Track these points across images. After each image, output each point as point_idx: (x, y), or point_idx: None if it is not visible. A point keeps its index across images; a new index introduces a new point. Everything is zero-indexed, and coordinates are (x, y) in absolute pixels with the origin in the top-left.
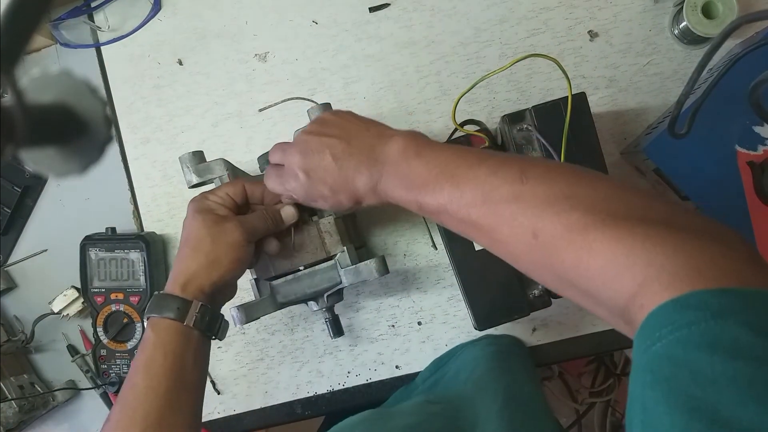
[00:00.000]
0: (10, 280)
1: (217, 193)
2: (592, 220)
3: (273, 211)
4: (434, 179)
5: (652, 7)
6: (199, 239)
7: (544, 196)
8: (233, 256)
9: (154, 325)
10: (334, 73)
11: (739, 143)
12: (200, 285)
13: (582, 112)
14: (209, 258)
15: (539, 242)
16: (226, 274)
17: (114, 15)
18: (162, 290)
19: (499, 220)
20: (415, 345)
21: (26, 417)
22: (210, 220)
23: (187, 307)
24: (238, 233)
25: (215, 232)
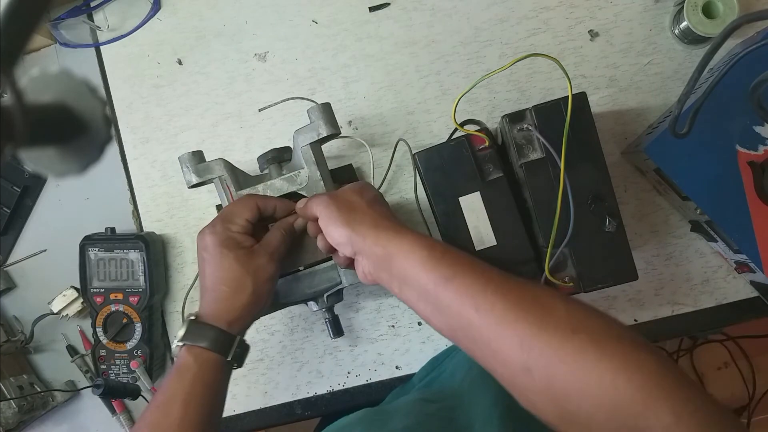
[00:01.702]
0: (10, 280)
1: (236, 221)
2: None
3: (287, 225)
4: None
5: (653, 7)
6: (238, 280)
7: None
8: (270, 287)
9: (195, 355)
10: (334, 73)
11: (740, 143)
12: (242, 323)
13: (582, 112)
14: (252, 298)
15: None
16: (265, 306)
17: (113, 15)
18: (194, 316)
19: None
20: (415, 345)
21: (26, 417)
22: (243, 257)
23: (231, 342)
24: (272, 266)
25: (252, 270)
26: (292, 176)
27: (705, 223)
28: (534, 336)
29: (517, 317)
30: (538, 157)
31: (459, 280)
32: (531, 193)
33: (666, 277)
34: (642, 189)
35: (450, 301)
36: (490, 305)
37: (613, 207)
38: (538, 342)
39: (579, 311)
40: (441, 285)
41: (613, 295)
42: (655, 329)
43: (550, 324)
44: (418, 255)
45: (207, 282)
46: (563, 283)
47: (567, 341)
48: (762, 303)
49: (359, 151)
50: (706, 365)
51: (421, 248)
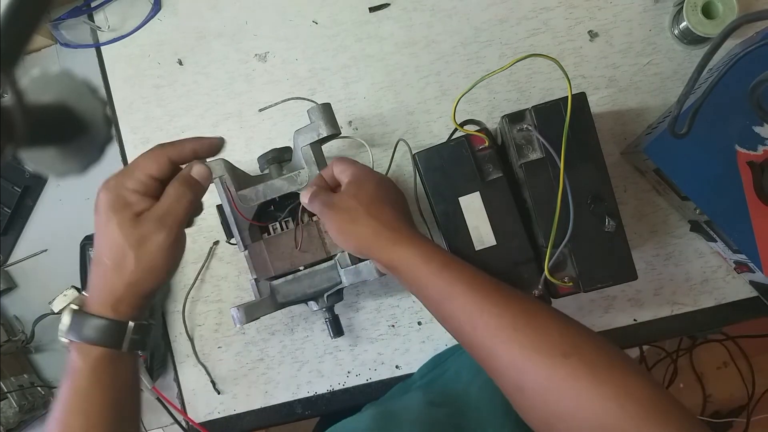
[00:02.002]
0: (10, 280)
1: (135, 175)
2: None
3: (185, 177)
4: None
5: (652, 7)
6: (119, 252)
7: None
8: (164, 261)
9: (84, 353)
10: (334, 73)
11: (739, 143)
12: (132, 302)
13: (582, 112)
14: (136, 274)
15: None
16: (160, 282)
17: (114, 15)
18: (77, 304)
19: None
20: (415, 345)
21: (26, 417)
22: (127, 224)
23: (123, 330)
24: (162, 235)
25: (135, 241)
26: (293, 176)
27: (704, 223)
28: (527, 358)
29: (511, 338)
30: (538, 158)
31: (456, 298)
32: (531, 193)
33: (665, 277)
34: (641, 189)
35: (449, 317)
36: (486, 325)
37: (612, 207)
38: (531, 364)
39: (573, 333)
40: (441, 300)
41: (613, 295)
42: (654, 329)
43: (544, 346)
44: (418, 270)
45: (95, 250)
46: (563, 282)
47: (560, 365)
48: (761, 303)
49: (359, 151)
50: (706, 365)
51: (421, 262)
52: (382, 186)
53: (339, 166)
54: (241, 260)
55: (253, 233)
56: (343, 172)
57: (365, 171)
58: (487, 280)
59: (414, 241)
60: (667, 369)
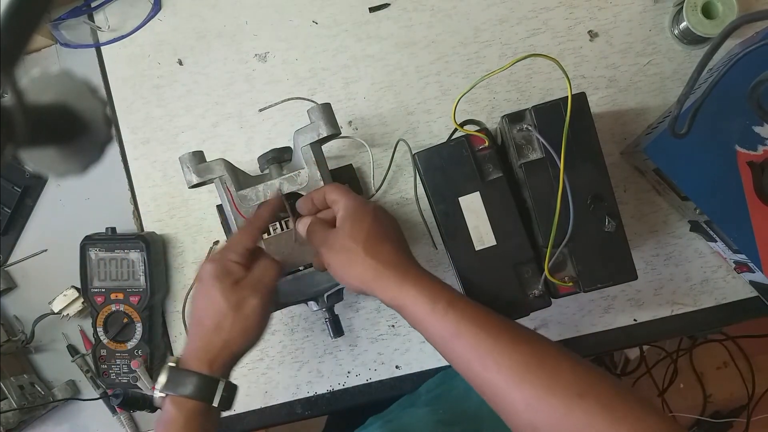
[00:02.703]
0: (10, 280)
1: (236, 249)
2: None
3: (269, 257)
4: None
5: (652, 8)
6: (220, 314)
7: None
8: (256, 324)
9: (180, 406)
10: (334, 73)
11: (739, 143)
12: (226, 361)
13: (582, 112)
14: (233, 334)
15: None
16: (251, 345)
17: (114, 15)
18: (173, 362)
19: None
20: (415, 345)
21: (26, 417)
22: (228, 290)
23: (214, 387)
24: (257, 300)
25: (234, 304)
26: (293, 176)
27: (704, 223)
28: (540, 399)
29: (524, 379)
30: (538, 158)
31: (465, 337)
32: (531, 193)
33: (665, 277)
34: (641, 189)
35: (458, 357)
36: (497, 365)
37: (612, 207)
38: (546, 405)
39: (585, 373)
40: (448, 340)
41: (613, 295)
42: (654, 329)
43: (558, 387)
44: (421, 310)
45: (195, 314)
46: (563, 282)
47: (575, 406)
48: (761, 303)
49: (359, 151)
50: (706, 365)
51: (426, 302)
52: (377, 220)
53: (332, 195)
54: None
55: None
56: (335, 202)
57: (358, 204)
58: (494, 318)
59: (417, 280)
60: (667, 369)
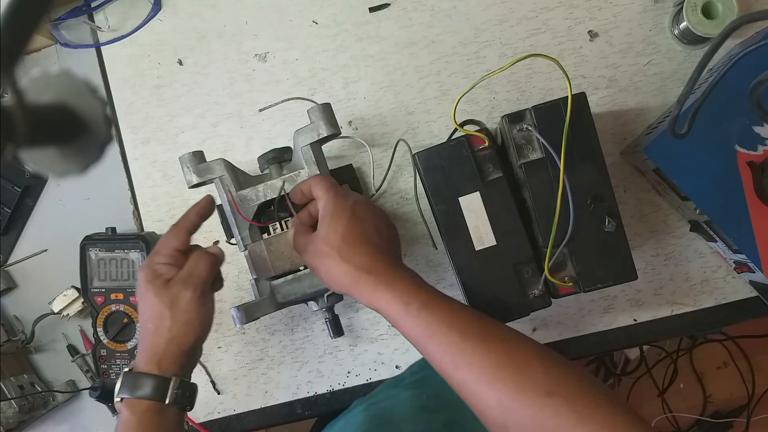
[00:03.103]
0: (10, 280)
1: (162, 251)
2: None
3: (201, 249)
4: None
5: (652, 7)
6: (157, 315)
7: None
8: (196, 316)
9: (134, 407)
10: (334, 73)
11: (739, 143)
12: (174, 358)
13: (582, 112)
14: (173, 331)
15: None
16: (198, 337)
17: (114, 15)
18: (130, 367)
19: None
20: None
21: (26, 417)
22: (161, 290)
23: (166, 385)
24: (189, 292)
25: (168, 302)
26: (293, 176)
27: (704, 223)
28: (511, 398)
29: (495, 377)
30: (538, 158)
31: (437, 338)
32: (531, 193)
33: (665, 277)
34: (641, 189)
35: (431, 357)
36: (468, 365)
37: (612, 207)
38: (516, 404)
39: (556, 370)
40: (422, 340)
41: (613, 295)
42: (654, 329)
43: (527, 386)
44: (394, 312)
45: (140, 321)
46: (563, 282)
47: (544, 404)
48: (761, 303)
49: (359, 151)
50: (706, 365)
51: (399, 305)
52: (354, 219)
53: (315, 190)
54: (241, 260)
55: (253, 233)
56: (318, 199)
57: (336, 203)
58: (467, 318)
59: (391, 283)
60: (667, 369)
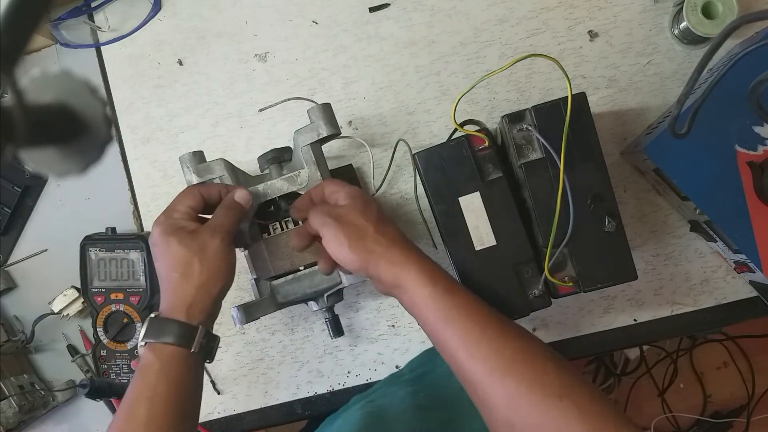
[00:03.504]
0: (10, 280)
1: (178, 208)
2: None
3: (229, 201)
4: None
5: (652, 7)
6: (185, 262)
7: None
8: (224, 264)
9: (157, 351)
10: (334, 73)
11: (739, 143)
12: (203, 307)
13: (582, 112)
14: (203, 276)
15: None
16: (225, 285)
17: (114, 15)
18: (155, 314)
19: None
20: (415, 345)
21: (26, 417)
22: (186, 239)
23: (193, 333)
24: (218, 240)
25: (197, 249)
26: (293, 176)
27: (704, 223)
28: (522, 396)
29: (508, 373)
30: (538, 158)
31: (456, 324)
32: (531, 193)
33: (665, 277)
34: (641, 189)
35: (446, 342)
36: (483, 356)
37: (612, 207)
38: (526, 402)
39: (568, 376)
40: (440, 324)
41: (613, 295)
42: (654, 329)
43: (540, 385)
44: (421, 291)
45: (162, 274)
46: (563, 282)
47: (553, 406)
48: (761, 303)
49: (359, 151)
50: (706, 365)
51: (425, 284)
52: (381, 207)
53: (331, 186)
54: (241, 260)
55: (253, 233)
56: (335, 192)
57: (362, 191)
58: (487, 310)
59: (421, 262)
60: (667, 369)
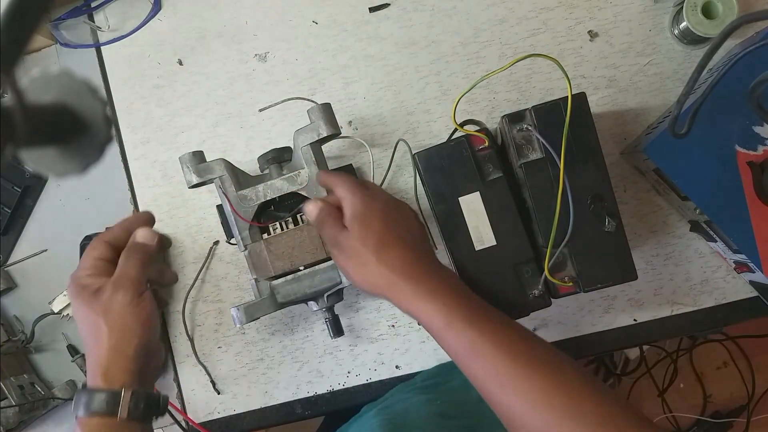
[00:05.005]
0: (10, 280)
1: (83, 264)
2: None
3: (131, 244)
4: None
5: (652, 7)
6: (92, 324)
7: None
8: (134, 319)
9: (84, 425)
10: (334, 73)
11: (739, 143)
12: (122, 366)
13: (582, 112)
14: (113, 338)
15: None
16: (141, 341)
17: (114, 15)
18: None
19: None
20: (415, 345)
21: (26, 417)
22: (90, 300)
23: (117, 399)
24: (121, 295)
25: (101, 310)
26: (293, 176)
27: (704, 223)
28: (562, 425)
29: (545, 402)
30: (538, 158)
31: (482, 358)
32: (531, 193)
33: (665, 277)
34: (641, 189)
35: (474, 375)
36: (516, 389)
37: (612, 207)
38: (565, 430)
39: (607, 401)
40: (464, 358)
41: (613, 295)
42: (654, 329)
43: (579, 414)
44: (436, 325)
45: (82, 339)
46: (563, 282)
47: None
48: (761, 303)
49: (359, 151)
50: (706, 365)
51: (440, 318)
52: (389, 218)
53: (340, 187)
54: (241, 260)
55: (253, 233)
56: (343, 198)
57: (367, 202)
58: (514, 336)
59: (433, 293)
60: (667, 369)
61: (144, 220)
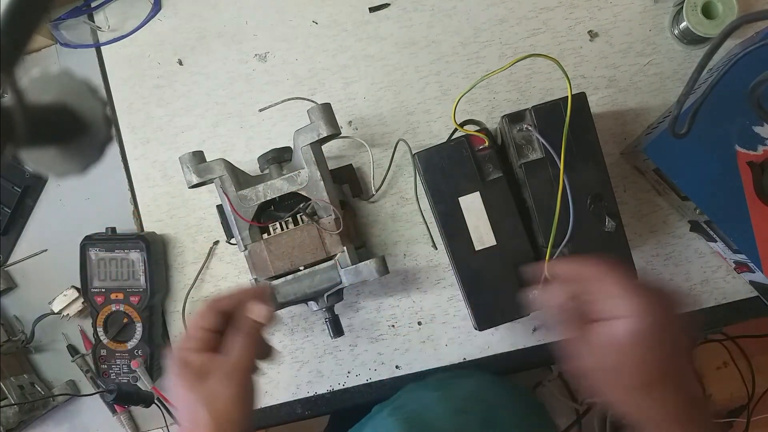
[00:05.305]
0: (10, 280)
1: (191, 334)
2: None
3: (244, 327)
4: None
5: (652, 7)
6: (193, 410)
7: None
8: (239, 412)
9: None
10: (334, 73)
11: (739, 143)
12: None
13: (582, 112)
14: (213, 427)
15: None
16: (240, 430)
17: (114, 15)
18: None
19: None
20: (415, 345)
21: (26, 417)
22: (192, 382)
23: None
24: (231, 388)
25: (206, 397)
26: (293, 176)
27: (704, 223)
28: None
29: None
30: (538, 158)
31: None
32: (531, 193)
33: (665, 276)
34: (641, 189)
35: None
36: None
37: (612, 207)
38: None
39: None
40: None
41: None
42: None
43: None
44: None
45: (177, 417)
46: None
47: None
48: (761, 303)
49: (359, 151)
50: (706, 365)
51: None
52: (675, 349)
53: (615, 289)
54: (241, 260)
55: (253, 233)
56: (618, 297)
57: (658, 320)
58: None
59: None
60: None
61: (260, 294)
